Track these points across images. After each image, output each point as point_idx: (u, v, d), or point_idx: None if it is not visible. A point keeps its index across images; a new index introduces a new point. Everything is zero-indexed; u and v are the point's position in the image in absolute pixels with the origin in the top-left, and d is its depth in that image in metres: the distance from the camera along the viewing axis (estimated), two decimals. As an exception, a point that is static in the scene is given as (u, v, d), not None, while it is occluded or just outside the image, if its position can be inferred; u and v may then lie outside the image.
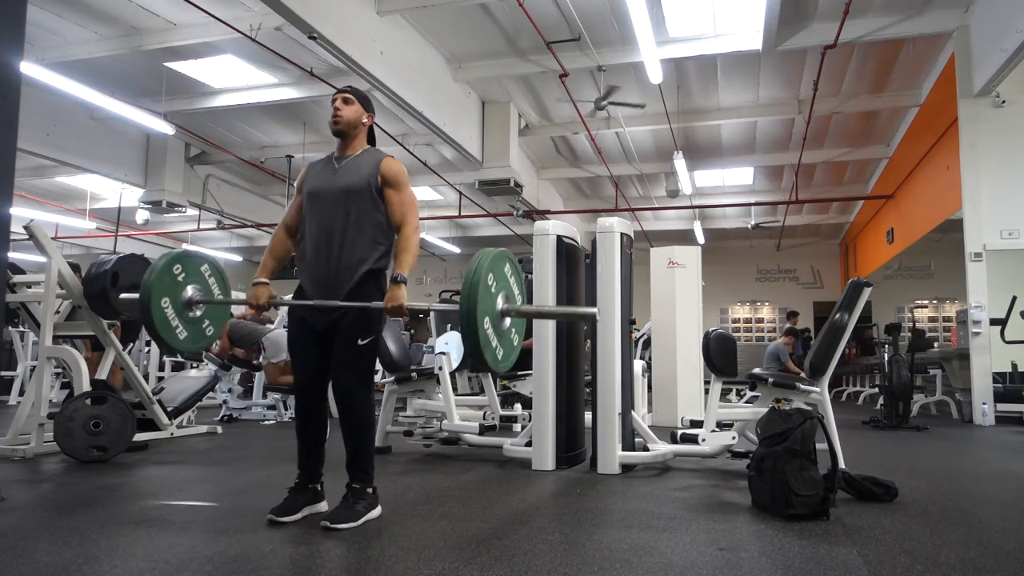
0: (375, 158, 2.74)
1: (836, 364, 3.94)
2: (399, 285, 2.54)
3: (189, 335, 2.88)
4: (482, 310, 2.33)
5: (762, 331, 17.72)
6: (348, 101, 2.75)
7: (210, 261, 3.00)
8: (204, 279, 2.94)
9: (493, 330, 2.38)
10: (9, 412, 6.89)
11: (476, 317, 2.29)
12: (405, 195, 2.70)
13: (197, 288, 2.89)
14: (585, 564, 2.10)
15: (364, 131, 2.81)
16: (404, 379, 4.79)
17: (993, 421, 7.24)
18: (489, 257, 2.44)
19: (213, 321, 2.99)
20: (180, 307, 2.83)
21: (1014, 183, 7.68)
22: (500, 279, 2.50)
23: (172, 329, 2.80)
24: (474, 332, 2.29)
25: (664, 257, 7.38)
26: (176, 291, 2.82)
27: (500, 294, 2.49)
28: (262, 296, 2.73)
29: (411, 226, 2.66)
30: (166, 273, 2.78)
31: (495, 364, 2.39)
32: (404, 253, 2.60)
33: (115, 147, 11.26)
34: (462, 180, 12.54)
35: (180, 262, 2.85)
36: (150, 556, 2.17)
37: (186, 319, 2.86)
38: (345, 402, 2.62)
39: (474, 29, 8.20)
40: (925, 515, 2.82)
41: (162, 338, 2.78)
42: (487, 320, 2.36)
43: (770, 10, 6.96)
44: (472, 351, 2.32)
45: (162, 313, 2.76)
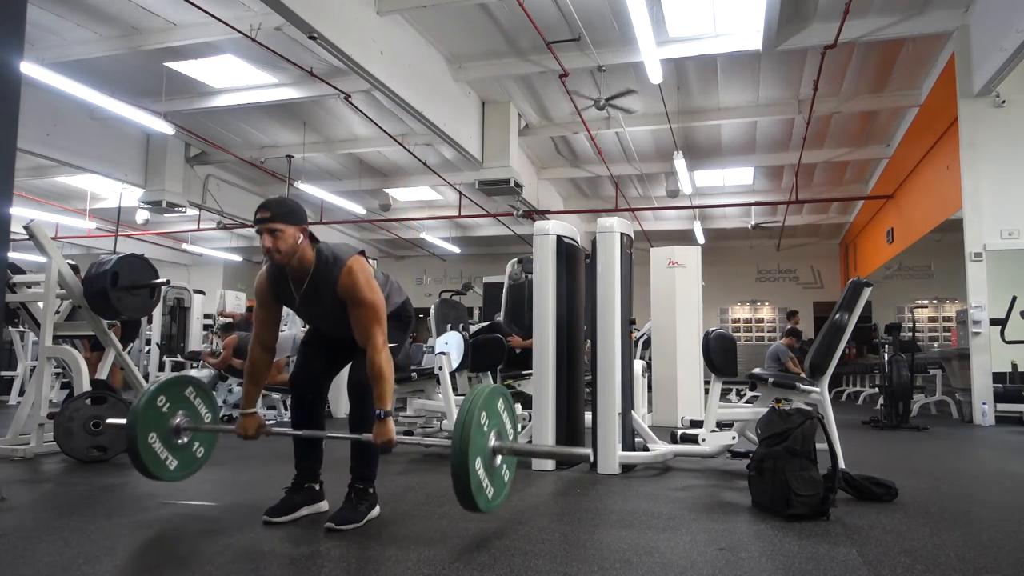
0: (330, 280, 2.54)
1: (836, 364, 3.94)
2: (384, 422, 2.44)
3: (180, 463, 2.81)
4: (474, 451, 2.24)
5: (762, 331, 17.72)
6: (275, 233, 2.45)
7: (194, 383, 2.92)
8: (190, 403, 2.86)
9: (484, 471, 2.31)
10: (9, 412, 6.89)
11: (468, 460, 2.21)
12: (364, 309, 2.52)
13: (184, 414, 2.82)
14: (585, 564, 2.10)
15: (305, 244, 2.54)
16: (404, 379, 4.79)
17: (993, 421, 7.24)
18: (483, 396, 2.35)
19: (202, 443, 2.93)
20: (167, 437, 2.76)
21: (1014, 183, 7.68)
22: (492, 416, 2.42)
23: (162, 463, 2.74)
24: (465, 476, 2.20)
25: (664, 257, 7.38)
26: (162, 423, 2.74)
27: (492, 431, 2.41)
28: (251, 428, 2.66)
29: (376, 348, 2.47)
30: (150, 407, 2.70)
31: (486, 506, 2.32)
32: (380, 382, 2.45)
33: (115, 147, 11.26)
34: (462, 180, 12.54)
35: (163, 392, 2.76)
36: (150, 556, 2.17)
37: (175, 447, 2.79)
38: (362, 396, 2.58)
39: (474, 29, 8.20)
40: (925, 515, 2.82)
41: (153, 474, 2.71)
42: (479, 461, 2.28)
43: (770, 10, 6.96)
44: (463, 495, 2.24)
45: (149, 448, 2.69)
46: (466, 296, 8.06)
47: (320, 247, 2.58)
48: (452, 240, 17.31)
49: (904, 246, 11.10)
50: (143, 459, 2.66)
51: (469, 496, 2.23)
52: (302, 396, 2.75)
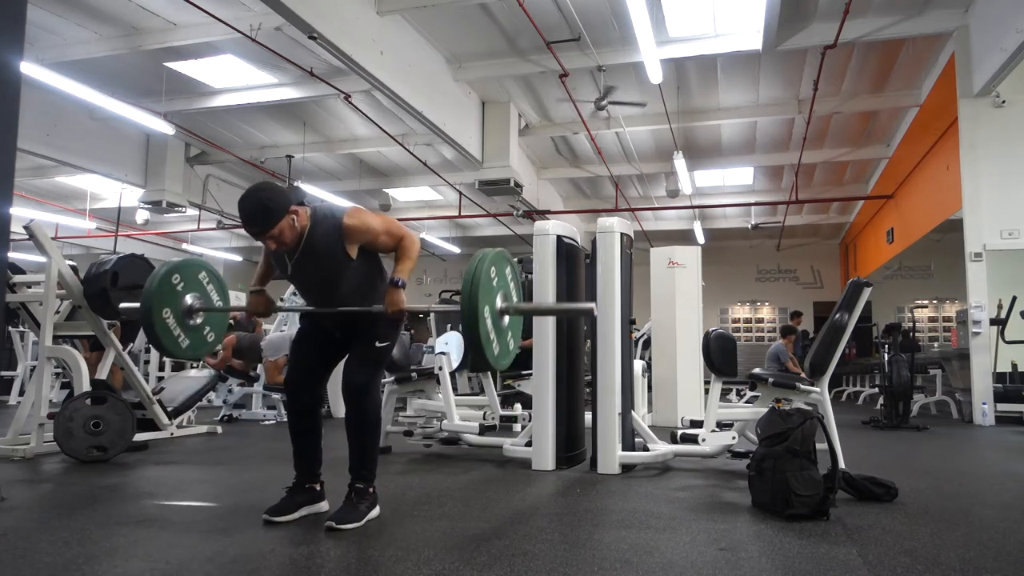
0: (329, 233, 2.53)
1: (836, 364, 3.94)
2: (398, 288, 2.53)
3: (191, 343, 2.89)
4: (483, 302, 2.33)
5: (762, 331, 17.71)
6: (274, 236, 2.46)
7: (207, 268, 3.01)
8: (203, 286, 2.95)
9: (493, 325, 2.39)
10: (9, 412, 6.89)
11: (478, 309, 2.29)
12: (383, 235, 2.59)
13: (196, 296, 2.89)
14: (585, 564, 2.10)
15: (303, 216, 2.53)
16: (404, 379, 4.79)
17: (993, 421, 7.24)
18: (491, 255, 2.45)
19: (213, 327, 3.01)
20: (180, 316, 2.84)
21: (1014, 183, 7.68)
22: (500, 277, 2.51)
23: (174, 338, 2.82)
24: (475, 324, 2.28)
25: (664, 257, 7.38)
26: (176, 300, 2.83)
27: (499, 292, 2.49)
28: (260, 304, 2.75)
29: (407, 238, 2.63)
30: (165, 283, 2.79)
31: (493, 360, 2.40)
32: (404, 258, 2.59)
33: (115, 147, 11.26)
34: (462, 180, 12.54)
35: (178, 271, 2.85)
36: (150, 556, 2.17)
37: (187, 327, 2.87)
38: (356, 398, 2.60)
39: (474, 29, 8.19)
40: (925, 515, 2.82)
41: (165, 347, 2.81)
42: (487, 312, 2.36)
43: (770, 10, 6.96)
44: (471, 343, 2.31)
45: (163, 323, 2.77)
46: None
47: (315, 207, 2.61)
48: (452, 240, 17.31)
49: (904, 246, 11.09)
50: (157, 332, 2.74)
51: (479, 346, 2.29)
52: (298, 397, 2.74)
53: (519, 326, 2.71)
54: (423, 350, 7.99)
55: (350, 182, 13.66)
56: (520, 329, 2.73)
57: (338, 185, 13.56)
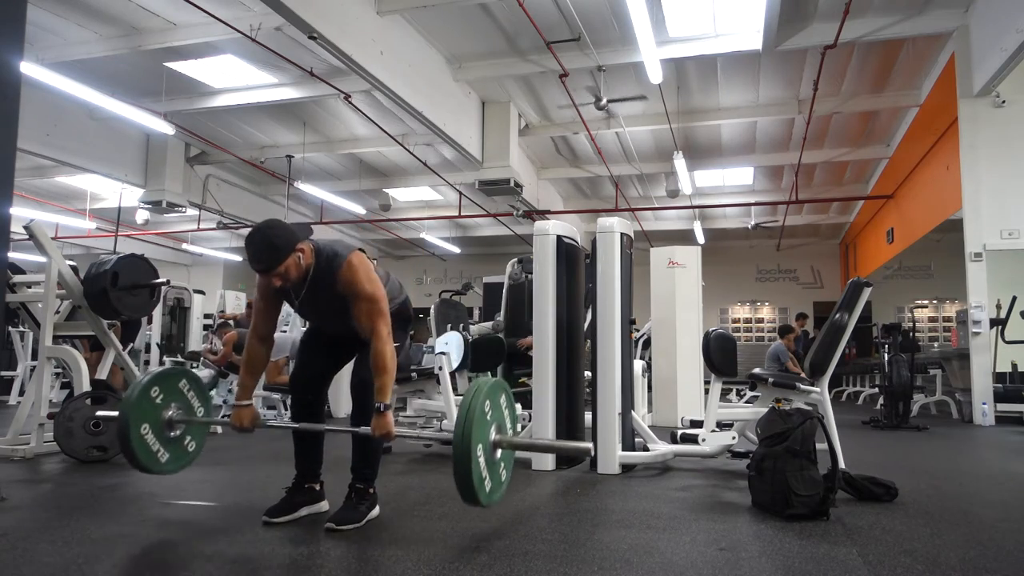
0: (329, 276, 2.53)
1: (836, 364, 3.94)
2: (383, 414, 2.44)
3: (171, 456, 2.76)
4: (477, 440, 2.21)
5: (762, 331, 17.71)
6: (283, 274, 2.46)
7: (188, 376, 2.90)
8: (183, 395, 2.83)
9: (485, 462, 2.28)
10: (9, 412, 6.89)
11: (471, 447, 2.18)
12: (366, 302, 2.51)
13: (177, 406, 2.78)
14: (585, 564, 2.10)
15: (308, 254, 2.53)
16: (404, 379, 4.79)
17: (993, 421, 7.24)
18: (485, 388, 2.34)
19: (195, 437, 2.88)
20: (160, 430, 2.72)
21: (1014, 183, 7.68)
22: (495, 409, 2.39)
23: (154, 455, 2.70)
24: (467, 463, 2.17)
25: (664, 257, 7.38)
26: (155, 415, 2.70)
27: (493, 425, 2.37)
28: (246, 419, 2.63)
29: (381, 339, 2.48)
30: (143, 398, 2.67)
31: (485, 499, 2.28)
32: (382, 375, 2.45)
33: (115, 147, 11.25)
34: (462, 180, 12.54)
35: (157, 384, 2.73)
36: (150, 556, 2.17)
37: (166, 440, 2.75)
38: (365, 395, 2.57)
39: (474, 29, 8.19)
40: (925, 515, 2.82)
41: (144, 466, 2.67)
42: (480, 451, 2.24)
43: (770, 10, 6.95)
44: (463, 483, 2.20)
45: (141, 440, 2.65)
46: (466, 296, 8.05)
47: (319, 246, 2.58)
48: (452, 240, 17.30)
49: (904, 246, 11.09)
50: (135, 450, 2.63)
51: (470, 486, 2.19)
52: (302, 397, 2.75)
53: (511, 457, 2.59)
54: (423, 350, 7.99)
55: (350, 182, 13.65)
56: (512, 459, 2.60)
57: (338, 185, 13.56)
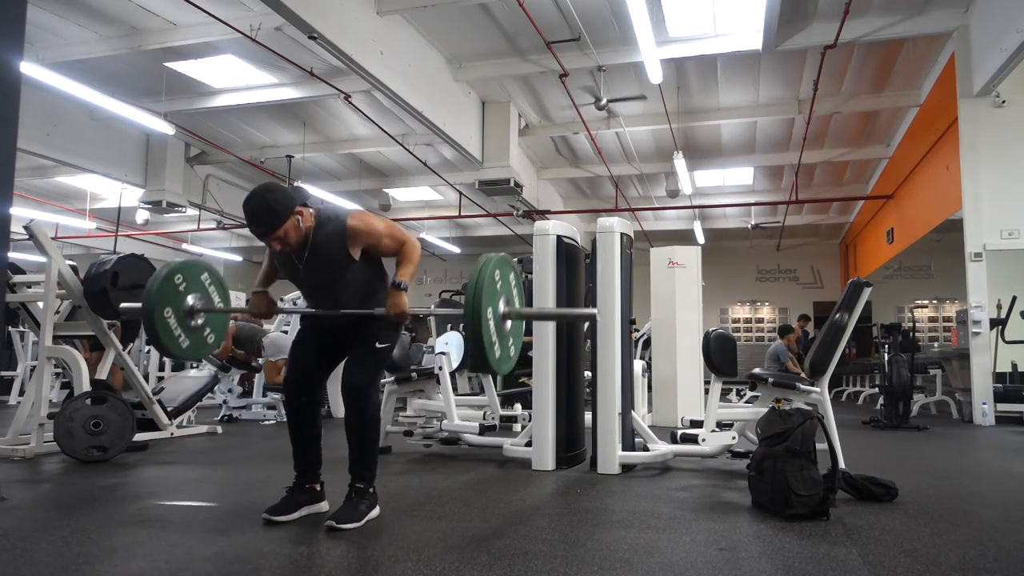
0: (333, 235, 2.55)
1: (836, 364, 3.94)
2: (400, 291, 2.55)
3: (191, 343, 2.90)
4: (487, 304, 2.33)
5: (762, 331, 17.71)
6: (282, 238, 2.49)
7: (210, 269, 3.01)
8: (204, 287, 2.95)
9: (495, 329, 2.38)
10: (9, 412, 6.89)
11: (482, 311, 2.29)
12: (386, 238, 2.60)
13: (198, 297, 2.90)
14: (585, 564, 2.10)
15: (307, 217, 2.56)
16: (404, 379, 4.79)
17: (993, 421, 7.24)
18: (495, 259, 2.46)
19: (214, 329, 3.01)
20: (182, 316, 2.84)
21: (1014, 183, 7.68)
22: (504, 281, 2.50)
23: (175, 338, 2.83)
24: (478, 326, 2.28)
25: (664, 257, 7.38)
26: (178, 300, 2.83)
27: (502, 296, 2.49)
28: (262, 305, 2.77)
29: (408, 243, 2.63)
30: (167, 283, 2.80)
31: (495, 363, 2.39)
32: (405, 262, 2.60)
33: (115, 147, 11.26)
34: (462, 180, 12.54)
35: (181, 272, 2.86)
36: (150, 556, 2.17)
37: (188, 328, 2.87)
38: (355, 398, 2.60)
39: (474, 29, 8.19)
40: (925, 515, 2.82)
41: (166, 347, 2.81)
42: (491, 315, 2.35)
43: (770, 10, 6.95)
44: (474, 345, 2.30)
45: (165, 323, 2.78)
46: (466, 296, 8.05)
47: (320, 209, 2.63)
48: (452, 240, 17.30)
49: (904, 246, 11.09)
50: (158, 331, 2.74)
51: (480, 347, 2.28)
52: (296, 398, 2.73)
53: (520, 332, 2.71)
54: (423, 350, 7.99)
55: (350, 182, 13.65)
56: (521, 335, 2.74)
57: (338, 185, 13.56)
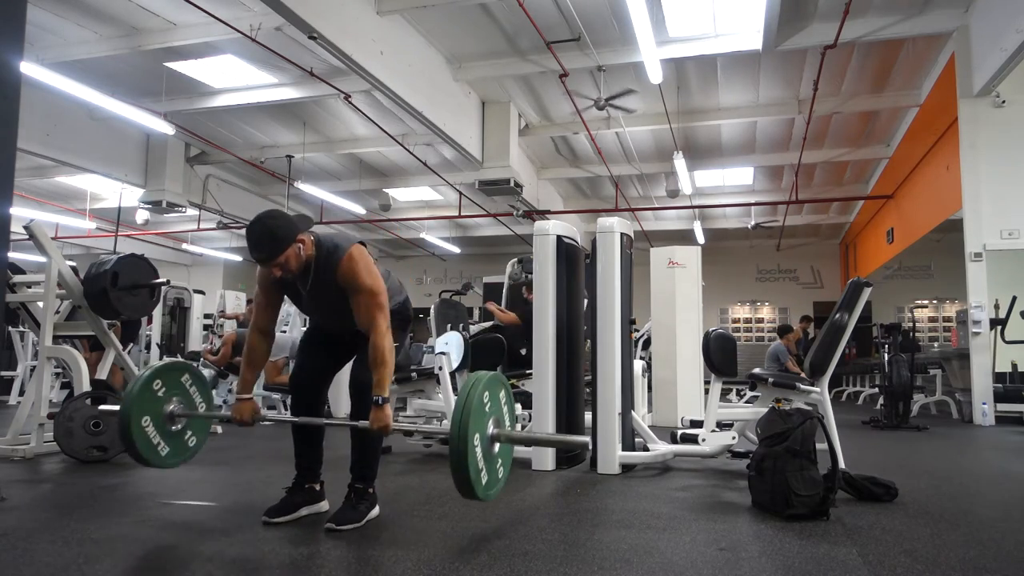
0: (330, 269, 2.55)
1: (836, 364, 3.94)
2: (382, 408, 2.44)
3: (171, 450, 2.76)
4: (474, 429, 2.20)
5: (762, 331, 17.71)
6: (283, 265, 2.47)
7: (190, 370, 2.90)
8: (185, 390, 2.83)
9: (483, 454, 2.26)
10: (9, 412, 6.89)
11: (468, 437, 2.16)
12: (365, 295, 2.52)
13: (178, 400, 2.78)
14: (585, 564, 2.10)
15: (308, 246, 2.55)
16: (404, 379, 4.79)
17: (993, 421, 7.24)
18: (484, 380, 2.33)
19: (195, 432, 2.88)
20: (161, 423, 2.72)
21: (1014, 183, 7.68)
22: (493, 402, 2.37)
23: (154, 448, 2.69)
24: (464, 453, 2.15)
25: (664, 257, 7.38)
26: (157, 407, 2.71)
27: (491, 418, 2.36)
28: (246, 413, 2.63)
29: (380, 333, 2.48)
30: (146, 390, 2.68)
31: (482, 492, 2.26)
32: (380, 367, 2.46)
33: (115, 147, 11.25)
34: (462, 180, 12.54)
35: (159, 377, 2.73)
36: (150, 556, 2.17)
37: (168, 434, 2.74)
38: (363, 396, 2.56)
39: (474, 29, 8.19)
40: (925, 515, 2.82)
41: (144, 458, 2.67)
42: (478, 440, 2.22)
43: (770, 10, 6.95)
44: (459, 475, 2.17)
45: (142, 432, 2.65)
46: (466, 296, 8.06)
47: (320, 239, 2.60)
48: (452, 240, 17.30)
49: (904, 246, 11.09)
50: (135, 442, 2.62)
51: (466, 477, 2.17)
52: (301, 397, 2.75)
53: (510, 453, 2.57)
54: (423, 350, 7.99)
55: (350, 182, 13.65)
56: (511, 456, 2.57)
57: (338, 185, 13.56)
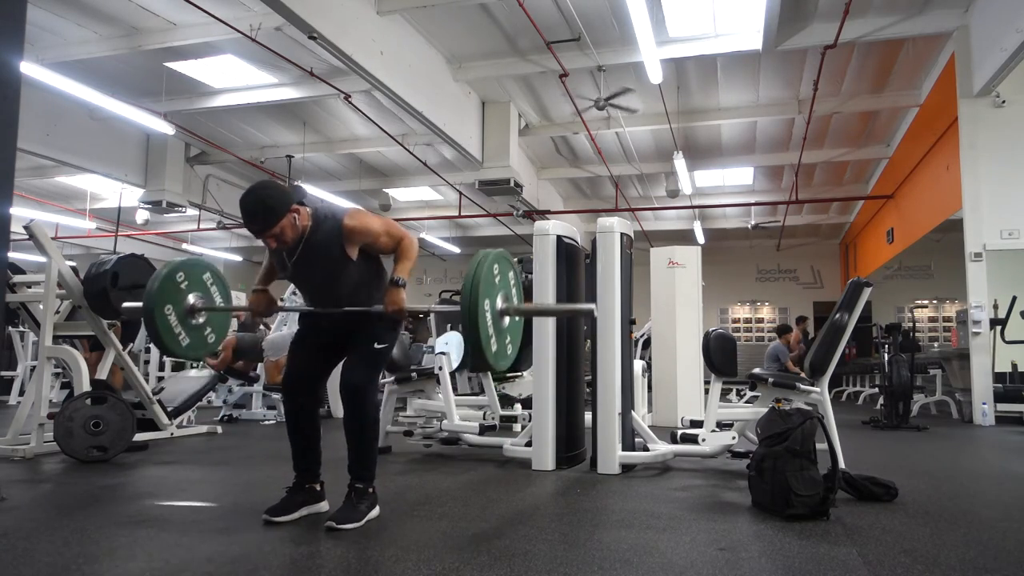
0: (329, 234, 2.55)
1: (836, 364, 3.94)
2: (398, 288, 2.55)
3: (191, 342, 2.89)
4: (484, 299, 2.31)
5: (762, 331, 17.71)
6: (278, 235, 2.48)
7: (212, 269, 3.01)
8: (206, 287, 2.95)
9: (492, 325, 2.36)
10: (9, 412, 6.89)
11: (479, 305, 2.27)
12: (383, 236, 2.60)
13: (199, 296, 2.90)
14: (585, 564, 2.10)
15: (304, 215, 2.55)
16: (404, 379, 4.79)
17: (993, 421, 7.24)
18: (493, 254, 2.44)
19: (215, 328, 3.01)
20: (183, 314, 2.84)
21: (1014, 183, 7.68)
22: (503, 277, 2.49)
23: (175, 336, 2.82)
24: (475, 320, 2.26)
25: (664, 257, 7.38)
26: (179, 298, 2.83)
27: (500, 292, 2.47)
28: (262, 303, 2.75)
29: (406, 239, 2.63)
30: (169, 281, 2.80)
31: (492, 358, 2.37)
32: (403, 259, 2.60)
33: (115, 147, 11.26)
34: (462, 180, 12.54)
35: (183, 270, 2.86)
36: (150, 556, 2.17)
37: (188, 326, 2.87)
38: (354, 399, 2.60)
39: (474, 29, 8.19)
40: (925, 515, 2.82)
41: (165, 344, 2.81)
42: (488, 309, 2.33)
43: (770, 10, 6.96)
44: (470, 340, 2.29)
45: (165, 320, 2.78)
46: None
47: (316, 207, 2.62)
48: (452, 240, 17.31)
49: (904, 246, 11.09)
50: (158, 328, 2.74)
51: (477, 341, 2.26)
52: (295, 398, 2.73)
53: (518, 330, 2.68)
54: (423, 350, 8.00)
55: (350, 182, 13.66)
56: (519, 334, 2.70)
57: (338, 185, 13.56)
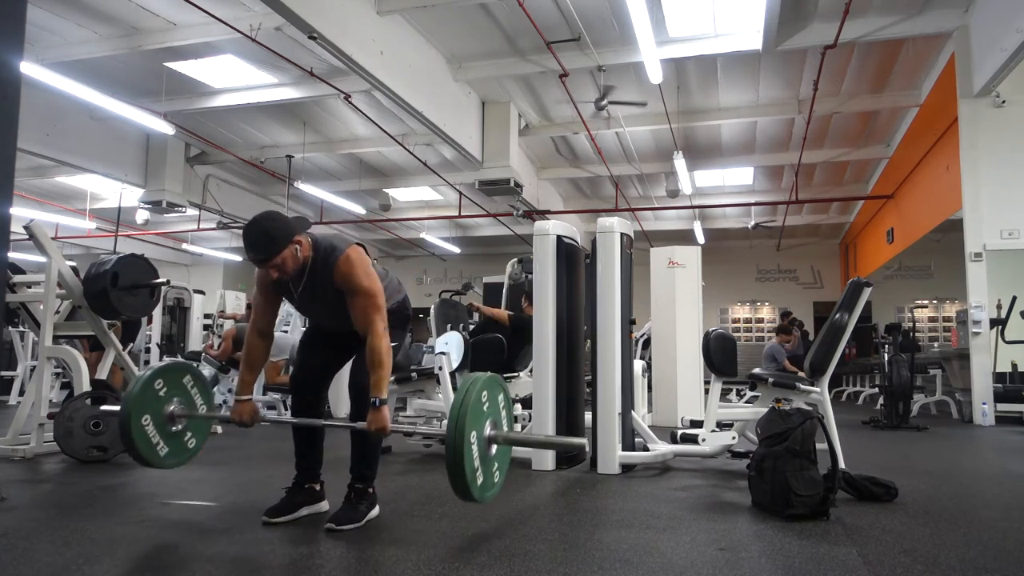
0: (327, 270, 2.54)
1: (836, 364, 3.94)
2: (379, 410, 2.43)
3: (170, 451, 2.74)
4: (471, 428, 2.17)
5: (762, 331, 17.71)
6: (279, 266, 2.46)
7: (192, 371, 2.88)
8: (186, 391, 2.81)
9: (479, 454, 2.23)
10: (9, 412, 6.88)
11: (464, 435, 2.13)
12: (362, 297, 2.51)
13: (179, 401, 2.76)
14: (585, 564, 2.10)
15: (305, 247, 2.54)
16: (404, 379, 4.79)
17: (993, 421, 7.24)
18: (482, 380, 2.30)
19: (195, 433, 2.85)
20: (161, 422, 2.70)
21: (1014, 183, 7.68)
22: (492, 403, 2.34)
23: (153, 447, 2.67)
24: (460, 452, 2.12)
25: (664, 257, 7.38)
26: (157, 407, 2.70)
27: (489, 419, 2.33)
28: (246, 414, 2.63)
29: (376, 334, 2.47)
30: (147, 389, 2.66)
31: (478, 493, 2.23)
32: (377, 369, 2.45)
33: (115, 147, 11.26)
34: (462, 180, 12.54)
35: (161, 377, 2.72)
36: (150, 556, 2.17)
37: (167, 434, 2.72)
38: (362, 394, 2.56)
39: (474, 29, 8.19)
40: (925, 515, 2.82)
41: (143, 457, 2.65)
42: (474, 439, 2.19)
43: (770, 10, 6.95)
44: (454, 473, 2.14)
45: (142, 431, 2.63)
46: (466, 296, 8.06)
47: (317, 240, 2.59)
48: (452, 240, 17.30)
49: (904, 246, 11.09)
50: (135, 440, 2.60)
51: (462, 477, 2.15)
52: (302, 397, 2.75)
53: (507, 457, 2.54)
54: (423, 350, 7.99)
55: (350, 182, 13.66)
56: (507, 461, 2.53)
57: (338, 185, 13.56)
